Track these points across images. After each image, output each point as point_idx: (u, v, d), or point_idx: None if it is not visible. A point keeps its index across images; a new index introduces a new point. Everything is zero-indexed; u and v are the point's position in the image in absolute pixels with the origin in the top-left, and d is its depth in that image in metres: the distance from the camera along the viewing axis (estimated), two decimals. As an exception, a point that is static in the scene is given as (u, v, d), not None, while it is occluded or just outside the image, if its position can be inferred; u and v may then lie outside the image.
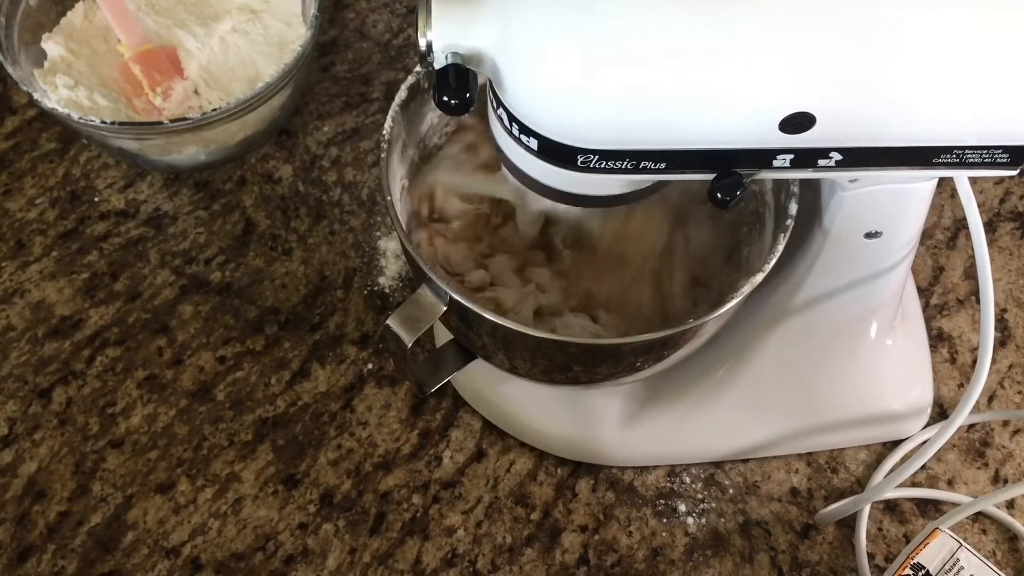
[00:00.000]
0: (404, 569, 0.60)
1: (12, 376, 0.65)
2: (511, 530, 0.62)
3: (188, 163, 0.71)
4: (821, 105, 0.40)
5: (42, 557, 0.59)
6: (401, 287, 0.70)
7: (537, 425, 0.63)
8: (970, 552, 0.53)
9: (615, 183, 0.44)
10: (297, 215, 0.72)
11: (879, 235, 0.53)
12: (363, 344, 0.67)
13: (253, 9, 0.72)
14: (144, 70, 0.69)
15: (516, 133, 0.42)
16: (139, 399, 0.65)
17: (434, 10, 0.40)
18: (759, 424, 0.63)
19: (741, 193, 0.42)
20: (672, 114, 0.40)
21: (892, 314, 0.60)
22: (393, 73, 0.79)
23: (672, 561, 0.61)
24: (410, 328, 0.48)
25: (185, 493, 0.62)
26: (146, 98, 0.69)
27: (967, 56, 0.39)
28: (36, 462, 0.62)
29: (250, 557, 0.60)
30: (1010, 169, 0.44)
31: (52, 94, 0.67)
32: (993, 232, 0.75)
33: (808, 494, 0.63)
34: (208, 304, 0.68)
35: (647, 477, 0.63)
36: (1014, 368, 0.69)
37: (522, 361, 0.54)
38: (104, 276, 0.69)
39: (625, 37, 0.39)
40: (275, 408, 0.65)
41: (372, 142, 0.76)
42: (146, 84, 0.69)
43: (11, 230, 0.71)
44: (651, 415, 0.63)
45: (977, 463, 0.65)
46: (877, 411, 0.63)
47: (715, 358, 0.62)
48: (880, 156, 0.43)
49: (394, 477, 0.63)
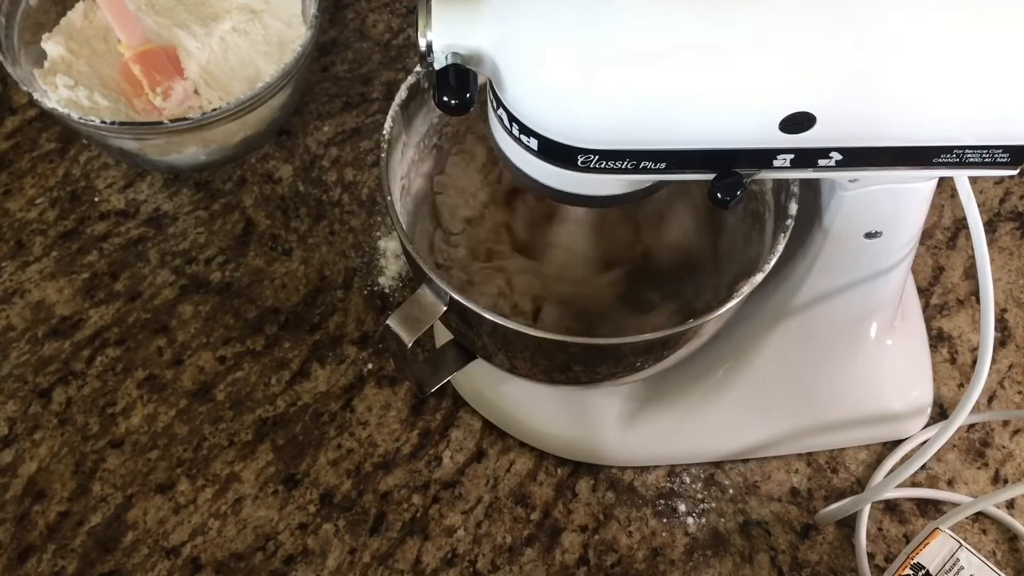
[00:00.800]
0: (404, 569, 0.60)
1: (12, 376, 0.65)
2: (511, 530, 0.62)
3: (188, 163, 0.71)
4: (821, 105, 0.40)
5: (42, 557, 0.59)
6: (401, 287, 0.70)
7: (537, 425, 0.63)
8: (970, 552, 0.53)
9: (615, 183, 0.44)
10: (297, 215, 0.72)
11: (879, 235, 0.53)
12: (363, 344, 0.67)
13: (253, 9, 0.72)
14: (144, 70, 0.69)
15: (516, 133, 0.42)
16: (139, 399, 0.65)
17: (434, 10, 0.40)
18: (759, 424, 0.63)
19: (741, 193, 0.42)
20: (672, 114, 0.40)
21: (892, 314, 0.60)
22: (393, 73, 0.79)
23: (672, 561, 0.61)
24: (410, 328, 0.48)
25: (185, 493, 0.62)
26: (146, 98, 0.69)
27: (967, 56, 0.39)
28: (36, 462, 0.62)
29: (250, 557, 0.60)
30: (1010, 169, 0.44)
31: (52, 94, 0.67)
32: (993, 232, 0.75)
33: (808, 494, 0.63)
34: (208, 304, 0.68)
35: (647, 477, 0.63)
36: (1014, 368, 0.69)
37: (522, 361, 0.54)
38: (104, 276, 0.69)
39: (625, 37, 0.39)
40: (275, 408, 0.65)
41: (372, 142, 0.76)
42: (146, 84, 0.69)
43: (11, 230, 0.71)
44: (651, 415, 0.63)
45: (977, 463, 0.65)
46: (877, 411, 0.63)
47: (715, 358, 0.62)
48: (880, 156, 0.43)
49: (394, 477, 0.63)
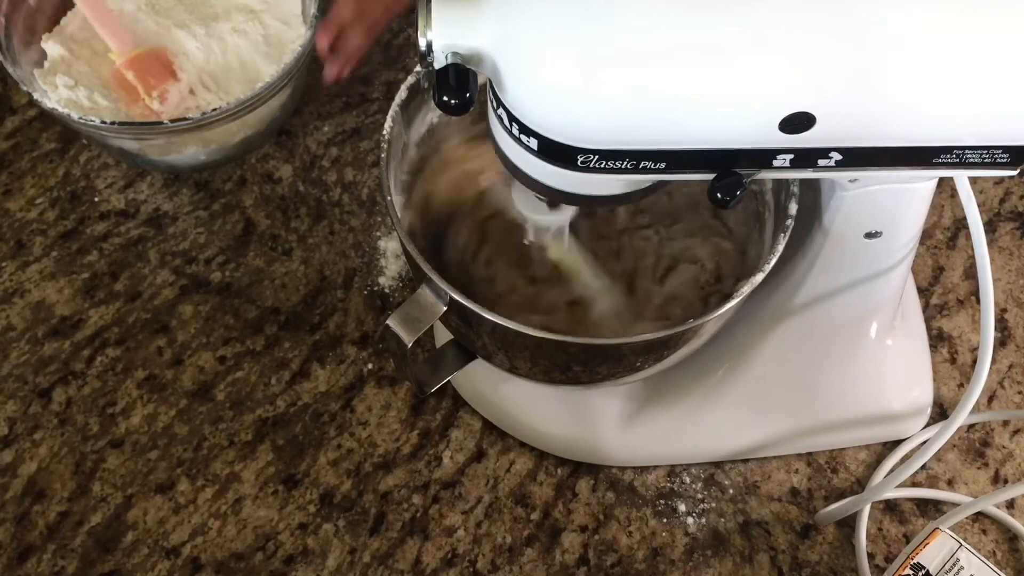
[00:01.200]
0: (404, 569, 0.60)
1: (12, 376, 0.65)
2: (511, 530, 0.61)
3: (188, 163, 0.71)
4: (821, 105, 0.40)
5: (42, 557, 0.59)
6: (401, 287, 0.70)
7: (537, 425, 0.63)
8: (970, 552, 0.53)
9: (615, 183, 0.44)
10: (297, 215, 0.72)
11: (879, 235, 0.53)
12: (363, 344, 0.67)
13: (253, 9, 0.72)
14: (138, 75, 0.68)
15: (516, 133, 0.42)
16: (139, 399, 0.65)
17: (434, 10, 0.40)
18: (759, 424, 0.63)
19: (741, 193, 0.42)
20: (672, 114, 0.40)
21: (892, 314, 0.60)
22: (393, 73, 0.79)
23: (672, 561, 0.61)
24: (410, 328, 0.48)
25: (185, 493, 0.62)
26: (143, 103, 0.69)
27: (967, 56, 0.39)
28: (36, 462, 0.62)
29: (250, 557, 0.60)
30: (1010, 169, 0.44)
31: (52, 94, 0.67)
32: (993, 232, 0.75)
33: (808, 494, 0.63)
34: (208, 304, 0.68)
35: (647, 477, 0.63)
36: (1014, 368, 0.69)
37: (522, 361, 0.54)
38: (104, 276, 0.69)
39: (625, 37, 0.39)
40: (275, 408, 0.65)
41: (372, 142, 0.76)
42: (142, 90, 0.68)
43: (11, 230, 0.71)
44: (651, 415, 0.63)
45: (977, 463, 0.65)
46: (877, 411, 0.63)
47: (715, 358, 0.62)
48: (880, 156, 0.43)
49: (394, 477, 0.63)
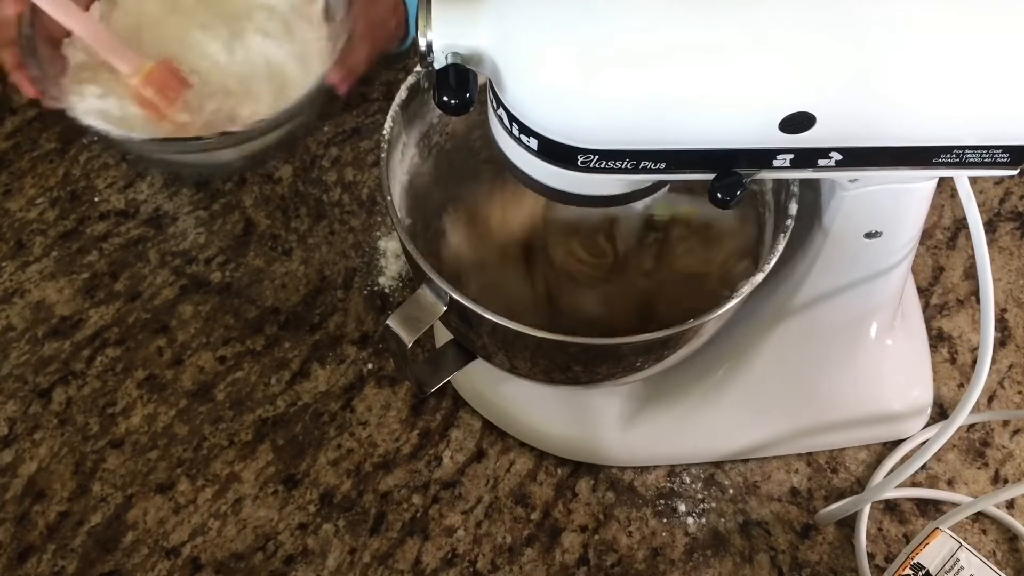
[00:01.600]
0: (404, 569, 0.60)
1: (12, 376, 0.65)
2: (511, 530, 0.61)
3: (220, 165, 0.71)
4: (821, 105, 0.40)
5: (42, 557, 0.59)
6: (401, 287, 0.70)
7: (537, 425, 0.63)
8: (970, 552, 0.53)
9: (615, 183, 0.44)
10: (297, 215, 0.72)
11: (879, 235, 0.53)
12: (363, 344, 0.67)
13: (273, 7, 0.71)
14: (156, 90, 0.66)
15: (516, 133, 0.42)
16: (139, 399, 0.65)
17: (434, 10, 0.40)
18: (759, 424, 0.63)
19: (741, 193, 0.42)
20: (672, 114, 0.40)
21: (892, 314, 0.60)
22: (393, 73, 0.79)
23: (672, 561, 0.61)
24: (410, 328, 0.48)
25: (185, 493, 0.62)
26: (168, 119, 0.67)
27: (967, 56, 0.39)
28: (36, 462, 0.62)
29: (250, 557, 0.60)
30: (1010, 169, 0.44)
31: (80, 105, 0.65)
32: (993, 232, 0.75)
33: (808, 494, 0.63)
34: (208, 304, 0.68)
35: (647, 477, 0.63)
36: (1014, 368, 0.69)
37: (522, 361, 0.54)
38: (104, 276, 0.69)
39: (625, 37, 0.39)
40: (275, 408, 0.65)
41: (372, 142, 0.76)
42: (163, 105, 0.66)
43: (11, 230, 0.71)
44: (651, 415, 0.63)
45: (977, 463, 0.65)
46: (877, 411, 0.63)
47: (715, 358, 0.62)
48: (880, 156, 0.43)
49: (394, 477, 0.63)
